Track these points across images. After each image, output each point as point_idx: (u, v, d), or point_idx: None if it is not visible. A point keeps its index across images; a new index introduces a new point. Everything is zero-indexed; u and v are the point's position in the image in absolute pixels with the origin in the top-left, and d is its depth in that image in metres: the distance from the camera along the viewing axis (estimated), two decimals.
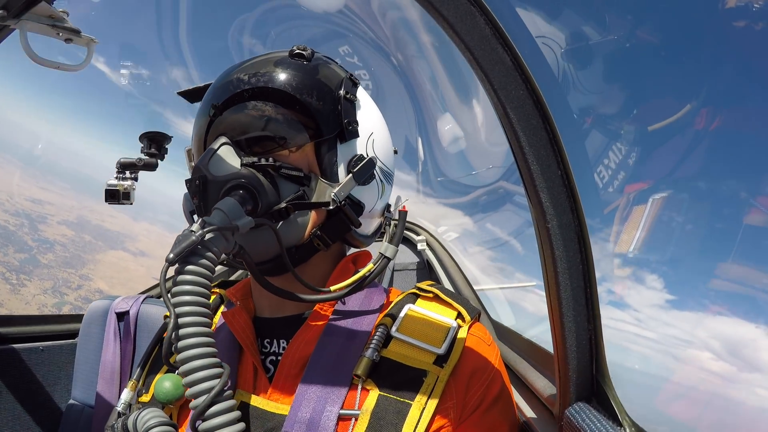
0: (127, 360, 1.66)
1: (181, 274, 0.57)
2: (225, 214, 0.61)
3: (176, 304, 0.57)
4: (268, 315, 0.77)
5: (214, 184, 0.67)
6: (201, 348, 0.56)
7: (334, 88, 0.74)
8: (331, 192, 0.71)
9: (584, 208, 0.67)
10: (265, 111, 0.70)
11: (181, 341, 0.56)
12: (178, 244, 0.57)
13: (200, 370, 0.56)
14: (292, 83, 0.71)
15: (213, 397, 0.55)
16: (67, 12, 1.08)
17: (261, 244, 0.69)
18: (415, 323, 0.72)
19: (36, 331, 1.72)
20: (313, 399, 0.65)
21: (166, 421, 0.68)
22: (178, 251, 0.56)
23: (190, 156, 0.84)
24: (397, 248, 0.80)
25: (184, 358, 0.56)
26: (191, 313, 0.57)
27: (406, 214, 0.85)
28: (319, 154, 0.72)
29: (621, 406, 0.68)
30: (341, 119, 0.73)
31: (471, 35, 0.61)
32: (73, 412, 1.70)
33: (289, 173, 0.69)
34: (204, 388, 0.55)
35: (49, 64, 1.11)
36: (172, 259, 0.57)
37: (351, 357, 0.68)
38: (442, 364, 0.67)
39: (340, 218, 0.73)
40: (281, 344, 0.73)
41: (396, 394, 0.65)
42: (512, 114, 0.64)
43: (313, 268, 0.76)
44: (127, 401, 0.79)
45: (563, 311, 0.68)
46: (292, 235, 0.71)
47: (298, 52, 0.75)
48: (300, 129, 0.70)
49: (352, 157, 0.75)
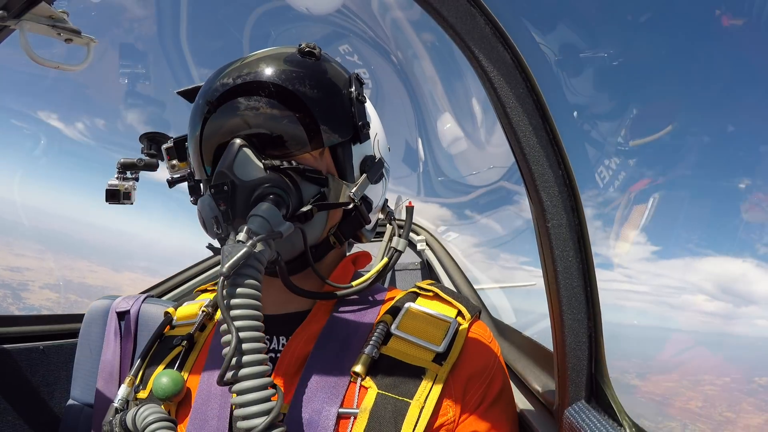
0: (127, 359, 1.66)
1: (238, 286, 0.56)
2: (266, 221, 0.60)
3: (235, 317, 0.55)
4: (267, 312, 0.77)
5: (243, 189, 0.65)
6: (260, 368, 0.55)
7: (346, 89, 0.74)
8: (349, 192, 0.72)
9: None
10: (283, 113, 0.69)
11: (243, 370, 0.54)
12: (229, 256, 0.55)
13: (254, 390, 0.54)
14: (308, 85, 0.70)
15: (272, 420, 0.53)
16: (67, 12, 1.08)
17: (288, 246, 0.69)
18: (415, 321, 0.72)
19: (36, 331, 1.72)
20: (312, 398, 0.65)
21: (165, 416, 0.68)
22: (232, 264, 0.55)
23: (170, 153, 0.82)
24: (407, 242, 0.81)
25: (244, 382, 0.54)
26: (251, 328, 0.55)
27: (413, 209, 0.86)
28: (336, 155, 0.73)
29: (620, 405, 0.68)
30: (356, 121, 0.73)
31: (471, 35, 0.62)
32: (73, 411, 1.70)
33: (311, 175, 0.69)
34: (259, 410, 0.54)
35: (49, 64, 1.11)
36: (227, 272, 0.55)
37: (350, 355, 0.68)
38: (442, 361, 0.67)
39: (355, 216, 0.75)
40: (280, 341, 0.73)
41: (395, 393, 0.64)
42: (512, 114, 0.64)
43: (325, 267, 0.78)
44: (125, 397, 0.79)
45: (563, 310, 0.68)
46: (313, 235, 0.71)
47: (309, 50, 0.73)
48: (320, 132, 0.70)
49: (365, 157, 0.76)
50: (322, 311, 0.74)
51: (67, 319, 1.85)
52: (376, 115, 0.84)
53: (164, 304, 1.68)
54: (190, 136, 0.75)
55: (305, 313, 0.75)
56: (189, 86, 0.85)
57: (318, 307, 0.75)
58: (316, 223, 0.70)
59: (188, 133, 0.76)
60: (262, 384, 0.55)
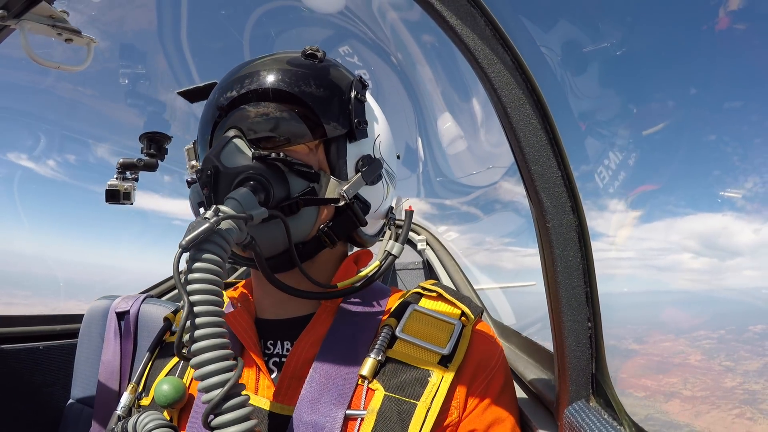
0: (127, 360, 1.66)
1: (195, 261, 0.55)
2: (239, 203, 0.60)
3: (191, 292, 0.54)
4: (270, 316, 0.77)
5: (225, 175, 0.67)
6: (215, 339, 0.54)
7: (346, 89, 0.75)
8: (340, 189, 0.72)
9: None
10: (277, 108, 0.70)
11: (197, 330, 0.53)
12: (191, 230, 0.55)
13: (214, 362, 0.53)
14: (304, 82, 0.72)
15: (227, 391, 0.53)
16: (67, 12, 1.08)
17: (270, 238, 0.69)
18: (420, 323, 0.72)
19: (36, 331, 1.72)
20: (319, 400, 0.65)
21: (165, 423, 0.68)
22: (191, 238, 0.55)
23: (190, 155, 0.84)
24: (403, 246, 0.81)
25: (198, 348, 0.53)
26: (206, 302, 0.55)
27: (412, 214, 0.86)
28: (329, 152, 0.73)
29: (621, 405, 0.68)
30: (351, 119, 0.74)
31: (471, 36, 0.62)
32: (73, 411, 1.70)
33: (300, 169, 0.70)
34: (217, 381, 0.53)
35: (49, 64, 1.11)
36: (185, 245, 0.55)
37: (356, 358, 0.69)
38: (447, 364, 0.68)
39: (347, 216, 0.74)
40: (285, 346, 0.74)
41: (402, 395, 0.65)
42: (512, 114, 0.64)
43: (318, 266, 0.77)
44: (127, 405, 0.79)
45: (563, 310, 0.68)
46: (300, 230, 0.71)
47: (311, 53, 0.76)
48: (311, 127, 0.71)
49: (361, 156, 0.76)
50: (326, 314, 0.74)
51: (67, 319, 1.85)
52: (384, 120, 0.84)
53: (164, 304, 1.67)
54: (201, 136, 0.77)
55: (308, 317, 0.75)
56: (189, 87, 0.85)
57: (322, 309, 0.75)
58: (304, 217, 0.71)
59: (198, 131, 0.78)
60: (219, 356, 0.54)
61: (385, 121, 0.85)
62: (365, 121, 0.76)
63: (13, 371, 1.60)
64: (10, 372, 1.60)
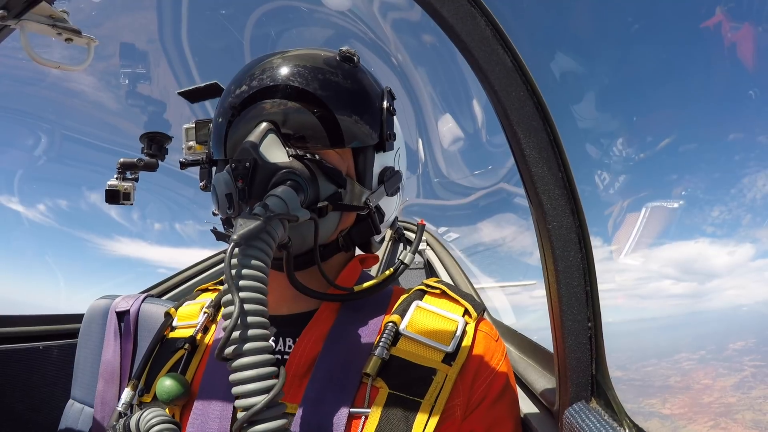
0: (127, 359, 1.65)
1: (249, 258, 0.54)
2: (284, 203, 0.60)
3: (242, 288, 0.53)
4: (272, 313, 0.77)
5: (264, 170, 0.65)
6: (262, 342, 0.52)
7: (378, 99, 0.76)
8: (365, 197, 0.73)
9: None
10: (317, 110, 0.70)
11: (249, 330, 0.52)
12: (243, 226, 0.54)
13: (257, 366, 0.52)
14: (344, 88, 0.72)
15: (268, 401, 0.51)
16: (68, 12, 1.08)
17: (299, 238, 0.69)
18: (424, 321, 0.72)
19: (36, 330, 1.72)
20: (323, 398, 0.65)
21: (168, 419, 0.68)
22: (244, 234, 0.54)
23: (189, 135, 0.83)
24: (414, 256, 0.82)
25: (246, 350, 0.51)
26: (256, 301, 0.53)
27: (424, 227, 0.88)
28: (357, 160, 0.74)
29: (621, 406, 0.68)
30: (383, 130, 0.75)
31: (471, 37, 0.62)
32: (73, 411, 1.69)
33: (331, 174, 0.70)
34: (261, 387, 0.52)
35: (49, 64, 1.11)
36: (237, 240, 0.54)
37: (360, 355, 0.68)
38: (451, 362, 0.68)
39: (367, 224, 0.76)
40: (287, 342, 0.73)
41: (406, 393, 0.65)
42: (512, 115, 0.64)
43: (328, 267, 0.78)
44: (128, 401, 0.79)
45: (563, 310, 0.68)
46: (324, 233, 0.72)
47: (348, 56, 0.76)
48: (347, 134, 0.71)
49: (384, 167, 0.78)
50: (329, 311, 0.74)
51: (67, 319, 1.85)
52: (401, 133, 0.86)
53: (164, 304, 1.67)
54: (222, 115, 0.75)
55: (310, 313, 0.74)
56: (189, 87, 0.85)
57: (325, 306, 0.75)
58: (329, 221, 0.71)
59: (216, 113, 0.77)
60: (265, 360, 0.53)
61: (401, 135, 0.86)
62: (394, 134, 0.78)
63: (13, 371, 1.60)
64: (10, 372, 1.59)
